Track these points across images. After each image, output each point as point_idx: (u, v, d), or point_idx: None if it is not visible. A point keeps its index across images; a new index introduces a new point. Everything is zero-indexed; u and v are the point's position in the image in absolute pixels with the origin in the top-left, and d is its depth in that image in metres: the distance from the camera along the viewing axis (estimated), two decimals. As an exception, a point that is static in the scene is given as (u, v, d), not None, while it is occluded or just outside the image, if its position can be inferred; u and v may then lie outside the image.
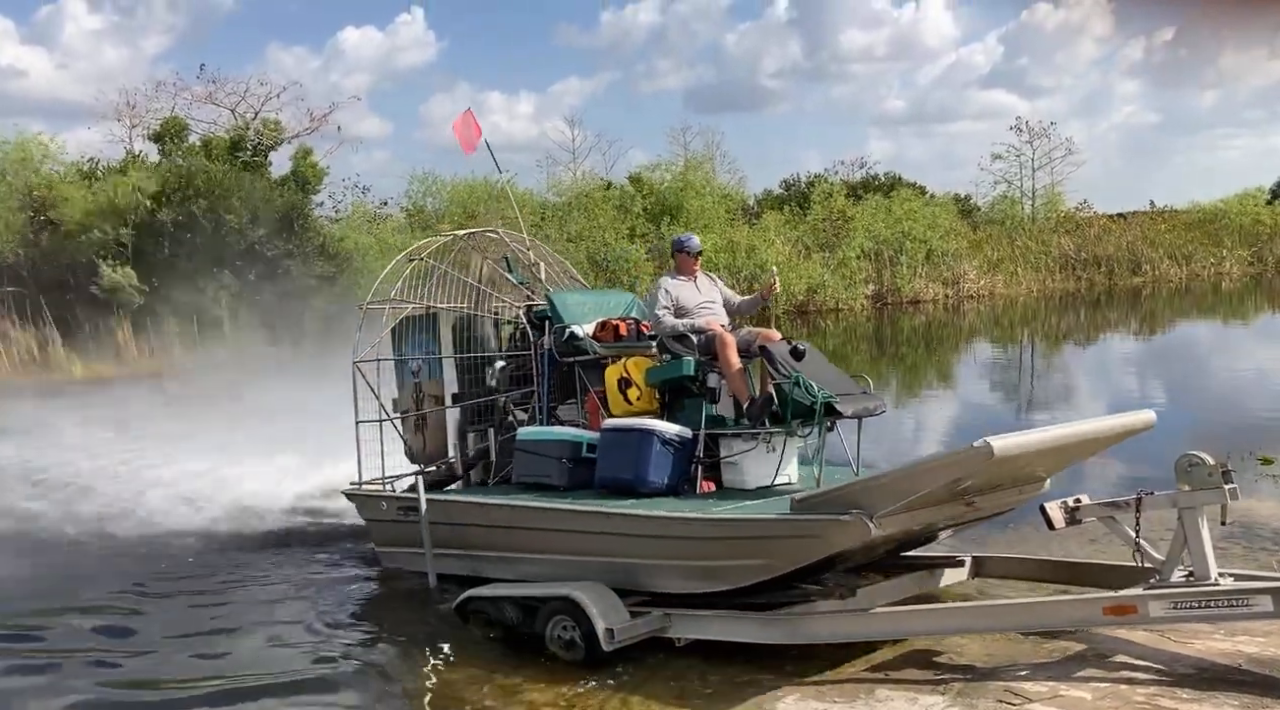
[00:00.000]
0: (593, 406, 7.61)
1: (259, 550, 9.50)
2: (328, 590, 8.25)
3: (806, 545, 5.67)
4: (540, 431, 7.47)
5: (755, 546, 5.82)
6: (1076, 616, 5.59)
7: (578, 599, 6.33)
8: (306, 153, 30.52)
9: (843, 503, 5.47)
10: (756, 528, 5.77)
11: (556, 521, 6.74)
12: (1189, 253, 44.76)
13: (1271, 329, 29.57)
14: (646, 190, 34.58)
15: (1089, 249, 43.45)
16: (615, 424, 6.93)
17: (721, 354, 6.90)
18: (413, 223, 32.09)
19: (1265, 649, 5.59)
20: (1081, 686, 5.31)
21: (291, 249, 26.91)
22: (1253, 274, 45.06)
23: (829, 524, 5.50)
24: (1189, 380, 19.46)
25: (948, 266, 38.48)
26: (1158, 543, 5.92)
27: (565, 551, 6.77)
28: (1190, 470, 5.50)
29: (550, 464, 7.21)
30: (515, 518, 7.03)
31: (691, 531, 6.01)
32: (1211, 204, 49.71)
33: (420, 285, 8.44)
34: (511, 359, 8.17)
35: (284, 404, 14.47)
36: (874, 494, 5.41)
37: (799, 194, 43.21)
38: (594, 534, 6.57)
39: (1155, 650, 5.70)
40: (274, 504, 10.74)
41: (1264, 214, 48.81)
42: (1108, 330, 31.25)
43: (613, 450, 6.85)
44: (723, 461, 6.83)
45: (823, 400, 6.32)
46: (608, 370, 7.40)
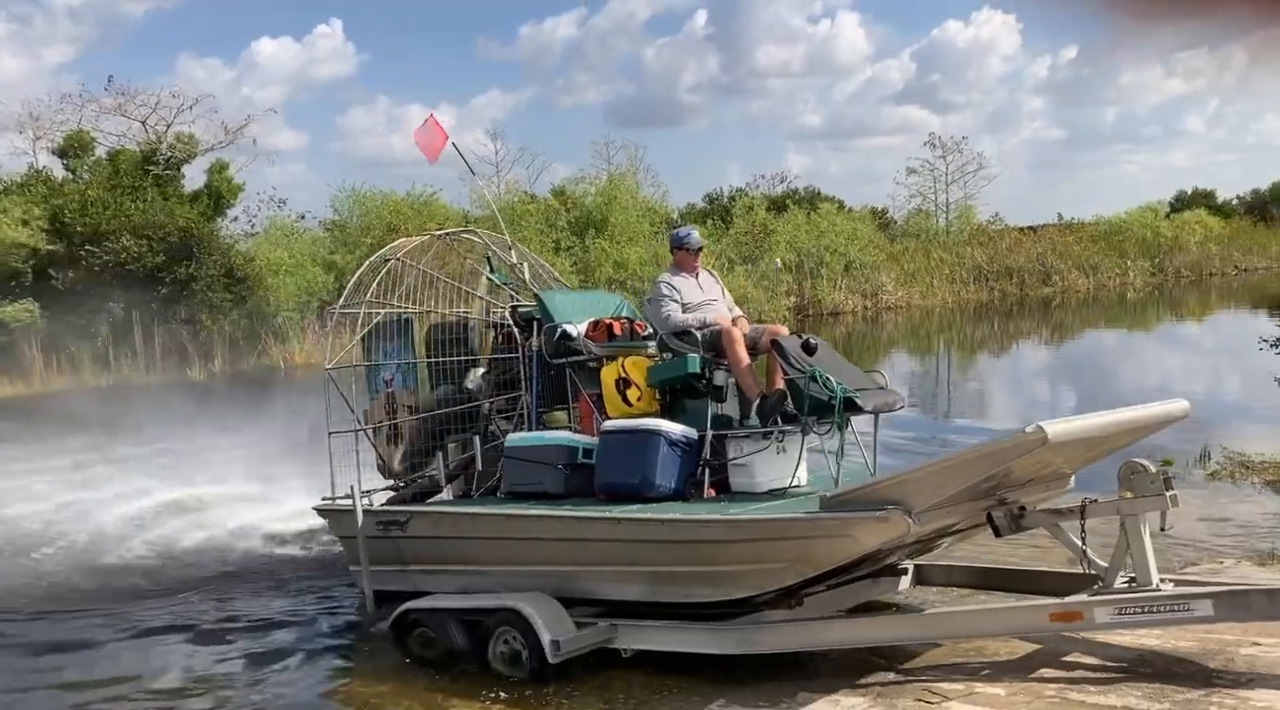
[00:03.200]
0: (586, 410, 7.28)
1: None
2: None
3: (839, 545, 5.42)
4: (532, 437, 7.12)
5: (783, 548, 5.55)
6: (1023, 624, 5.60)
7: (522, 610, 6.22)
8: (221, 166, 29.61)
9: (879, 498, 5.24)
10: (791, 528, 5.50)
11: (564, 530, 6.39)
12: (1095, 264, 46.13)
13: (1173, 337, 30.50)
14: (571, 204, 34.29)
15: (1001, 261, 44.37)
16: (618, 425, 6.62)
17: (729, 350, 6.64)
18: (333, 237, 31.25)
19: (1165, 641, 5.76)
20: (995, 683, 5.45)
21: (194, 273, 26.22)
22: (1155, 284, 46.71)
23: (865, 522, 5.26)
24: (1099, 387, 19.97)
25: (866, 278, 38.96)
26: (1100, 549, 5.93)
27: (561, 562, 6.43)
28: (1133, 478, 5.50)
29: (544, 471, 6.86)
30: (509, 528, 6.66)
31: (716, 534, 5.71)
32: (1115, 217, 51.30)
33: (395, 288, 8.04)
34: (496, 363, 7.81)
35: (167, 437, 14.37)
36: (913, 488, 5.18)
37: (721, 208, 43.39)
38: (596, 542, 6.25)
39: (1064, 646, 5.83)
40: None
41: (1163, 227, 50.55)
42: (1021, 340, 31.94)
43: (615, 453, 6.54)
44: (731, 464, 6.55)
45: (842, 395, 6.10)
46: (603, 371, 7.08)
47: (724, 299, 7.14)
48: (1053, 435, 4.82)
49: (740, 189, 47.29)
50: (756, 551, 5.61)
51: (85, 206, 25.65)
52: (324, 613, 8.26)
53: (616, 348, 7.13)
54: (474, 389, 7.98)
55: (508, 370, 7.69)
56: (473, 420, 7.87)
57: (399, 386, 8.18)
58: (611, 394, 6.96)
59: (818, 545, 5.46)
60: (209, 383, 24.84)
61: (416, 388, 8.15)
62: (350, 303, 8.09)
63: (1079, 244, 47.62)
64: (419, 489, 7.75)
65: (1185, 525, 6.10)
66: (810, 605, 6.13)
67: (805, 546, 5.49)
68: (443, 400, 7.92)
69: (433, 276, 7.99)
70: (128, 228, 25.36)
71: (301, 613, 8.27)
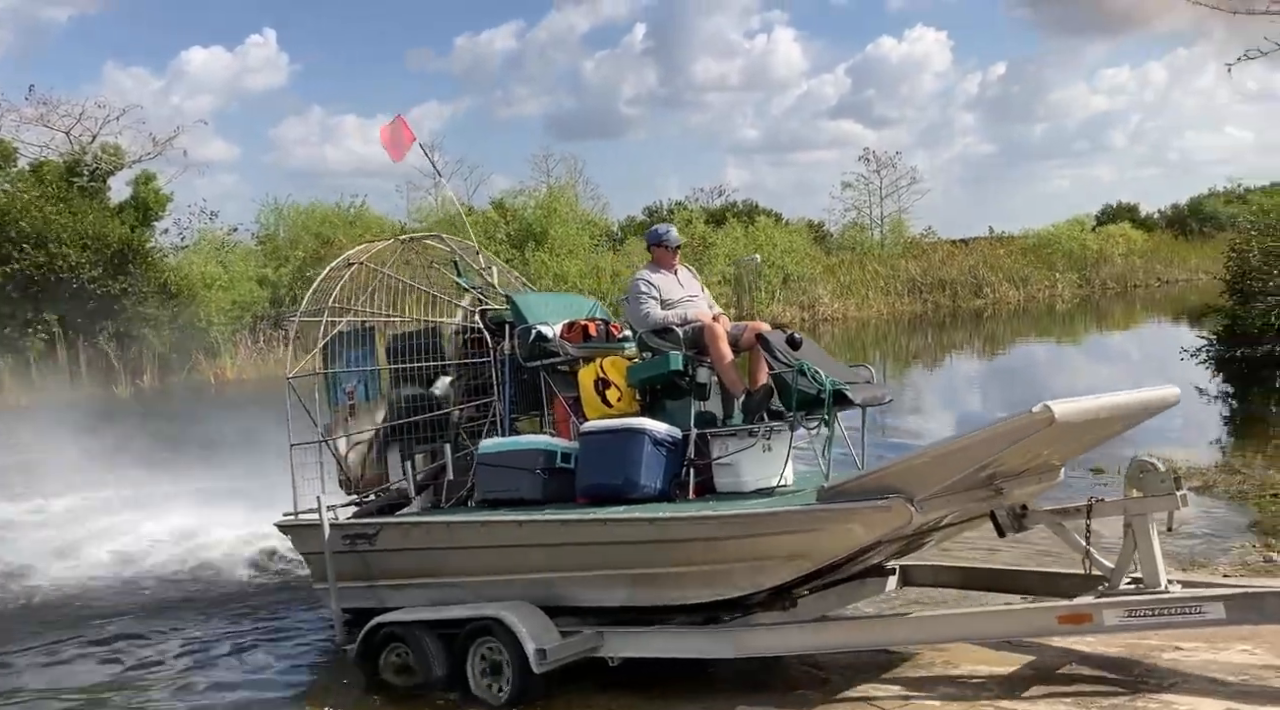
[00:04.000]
0: (562, 413, 7.04)
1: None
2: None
3: (840, 537, 5.26)
4: (507, 442, 6.86)
5: (780, 543, 5.37)
6: (1031, 626, 5.45)
7: (504, 618, 5.97)
8: (149, 178, 28.79)
9: (879, 487, 5.08)
10: (788, 521, 5.32)
11: (547, 535, 6.14)
12: (1025, 276, 46.87)
13: (1101, 347, 31.08)
14: (510, 216, 34.01)
15: (934, 273, 44.92)
16: (599, 426, 6.39)
17: (712, 346, 6.46)
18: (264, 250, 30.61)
19: (1094, 648, 5.81)
20: (931, 694, 5.49)
21: (126, 287, 25.46)
22: (1082, 295, 47.60)
23: (866, 512, 5.10)
24: (1032, 399, 20.16)
25: (803, 290, 39.21)
26: (1066, 553, 5.97)
27: (543, 569, 6.18)
28: (1142, 477, 5.40)
29: (521, 477, 6.60)
30: (488, 536, 6.40)
31: (710, 531, 5.50)
32: (1043, 230, 52.18)
33: (357, 294, 7.75)
34: (464, 370, 7.54)
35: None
36: (915, 475, 5.04)
37: (660, 220, 43.40)
38: (582, 546, 6.01)
39: (998, 655, 5.82)
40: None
41: (1090, 240, 51.59)
42: (955, 351, 32.29)
43: (597, 455, 6.31)
44: (716, 463, 6.36)
45: (832, 389, 5.94)
46: (581, 373, 6.85)
47: (703, 295, 6.97)
48: (1059, 415, 4.72)
49: (679, 202, 47.50)
50: (753, 547, 5.43)
51: (14, 215, 24.74)
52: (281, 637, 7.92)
53: (594, 348, 6.91)
54: (441, 396, 7.71)
55: (478, 376, 7.43)
56: (440, 429, 7.60)
57: (361, 398, 7.87)
58: (590, 395, 6.73)
59: (817, 538, 5.29)
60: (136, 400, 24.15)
61: (379, 398, 7.83)
62: (311, 310, 7.75)
63: (1009, 256, 48.40)
64: (385, 502, 7.44)
65: (1116, 532, 6.12)
66: (804, 607, 5.97)
67: (804, 540, 5.32)
68: (408, 408, 7.63)
69: (399, 281, 7.69)
70: (64, 237, 24.49)
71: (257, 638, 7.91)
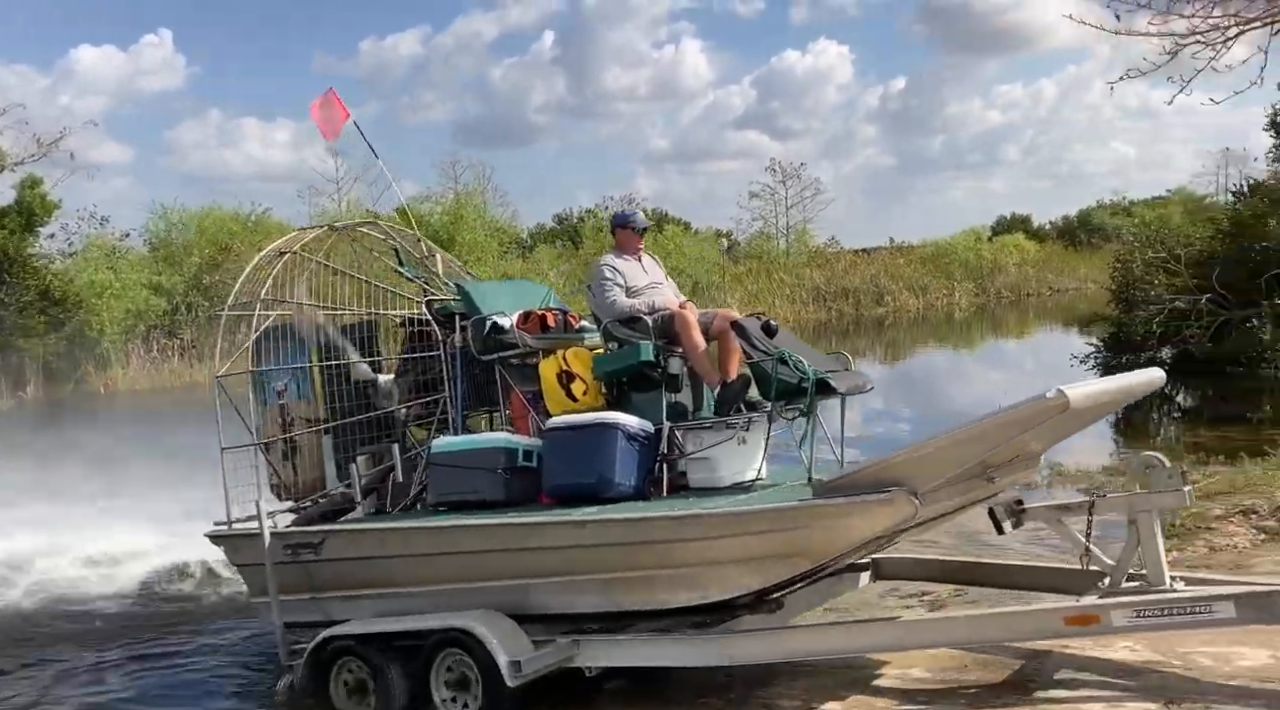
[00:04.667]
0: (519, 409, 6.65)
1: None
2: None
3: (839, 533, 4.97)
4: (464, 441, 6.43)
5: (775, 541, 5.06)
6: (1037, 628, 5.20)
7: (473, 628, 5.55)
8: (34, 183, 27.32)
9: (880, 480, 4.81)
10: (785, 517, 5.00)
11: (517, 539, 5.73)
12: (924, 285, 47.82)
13: (996, 354, 31.87)
14: (416, 223, 33.19)
15: (838, 282, 45.48)
16: (567, 421, 6.01)
17: (684, 335, 6.13)
18: (157, 256, 29.39)
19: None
20: (832, 698, 5.44)
21: (3, 297, 24.18)
22: (978, 304, 48.72)
23: (868, 506, 4.82)
24: (931, 403, 20.77)
25: (712, 299, 39.20)
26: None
27: (512, 575, 5.77)
28: (1149, 472, 5.24)
29: (481, 477, 6.18)
30: (450, 542, 5.95)
31: (701, 531, 5.16)
32: (941, 241, 53.24)
33: (290, 286, 7.24)
34: (410, 364, 7.09)
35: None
36: (918, 466, 4.77)
37: (571, 228, 43.02)
38: (556, 550, 5.61)
39: (897, 658, 5.74)
40: None
41: (985, 250, 52.81)
42: (858, 357, 32.61)
43: (566, 452, 5.93)
44: (691, 458, 6.04)
45: (815, 378, 5.67)
46: (542, 365, 6.46)
47: (668, 283, 6.64)
48: (1073, 400, 4.52)
49: (590, 210, 47.10)
50: (747, 546, 5.10)
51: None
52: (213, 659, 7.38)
53: (556, 339, 6.53)
54: (384, 394, 7.25)
55: (426, 371, 6.99)
56: (383, 428, 7.13)
57: (293, 397, 7.34)
58: (553, 389, 6.35)
59: (815, 535, 4.99)
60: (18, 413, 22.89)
61: (314, 397, 7.32)
62: (240, 303, 7.22)
63: (909, 266, 49.32)
64: (328, 508, 6.93)
65: (1012, 533, 6.08)
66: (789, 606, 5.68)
67: (801, 537, 5.02)
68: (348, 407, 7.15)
69: (337, 272, 7.21)
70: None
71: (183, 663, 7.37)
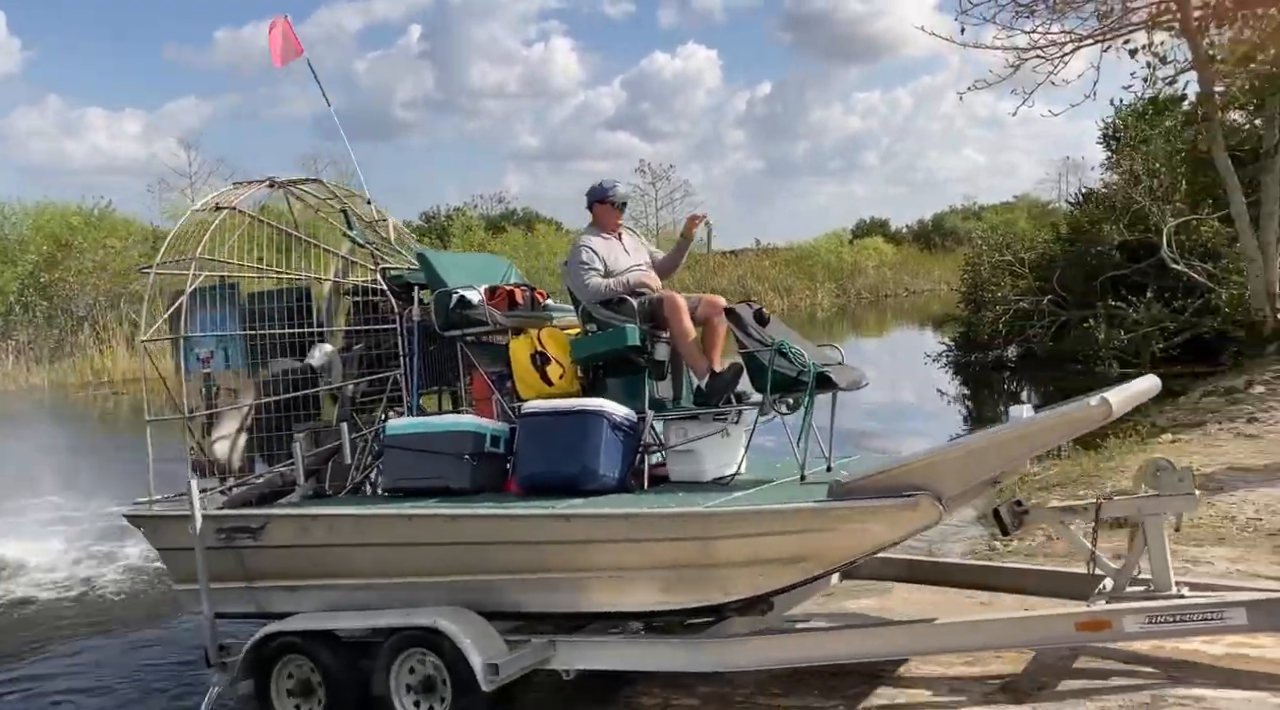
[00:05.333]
0: (482, 391, 6.22)
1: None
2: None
3: (856, 538, 4.72)
4: (426, 423, 5.97)
5: (787, 543, 4.78)
6: (1049, 634, 5.01)
7: (443, 626, 5.12)
8: None
9: (904, 483, 4.59)
10: (804, 519, 4.73)
11: (497, 532, 5.30)
12: (789, 286, 48.68)
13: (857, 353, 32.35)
14: (276, 218, 31.76)
15: (706, 283, 45.59)
16: (548, 407, 5.62)
17: (673, 319, 5.80)
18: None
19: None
20: (691, 694, 5.39)
21: None
22: (840, 304, 49.92)
23: (891, 511, 4.59)
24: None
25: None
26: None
27: (483, 571, 5.36)
28: (1158, 475, 5.17)
29: (445, 463, 5.73)
30: (417, 532, 5.47)
31: (717, 530, 4.83)
32: (804, 243, 54.34)
33: (223, 245, 6.64)
34: (356, 337, 6.58)
35: None
36: (944, 470, 4.57)
37: (439, 226, 41.85)
38: (542, 545, 5.21)
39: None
40: None
41: (846, 253, 54.16)
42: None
43: (545, 439, 5.53)
44: (675, 450, 5.73)
45: (815, 371, 5.43)
46: (513, 345, 6.04)
47: (651, 263, 6.31)
48: (1115, 405, 4.40)
49: (458, 208, 46.12)
50: (753, 548, 4.81)
51: None
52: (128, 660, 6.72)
53: (527, 318, 6.13)
54: (320, 368, 6.71)
55: (379, 345, 6.49)
56: (315, 407, 6.62)
57: (219, 367, 6.74)
58: (527, 371, 5.95)
59: (830, 539, 4.73)
60: None
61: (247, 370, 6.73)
62: (168, 261, 6.58)
63: (774, 267, 50.23)
64: (264, 489, 6.37)
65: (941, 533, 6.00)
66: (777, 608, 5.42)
67: (814, 541, 4.75)
68: (282, 381, 6.59)
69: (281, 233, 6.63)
70: None
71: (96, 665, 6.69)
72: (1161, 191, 18.54)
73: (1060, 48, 14.43)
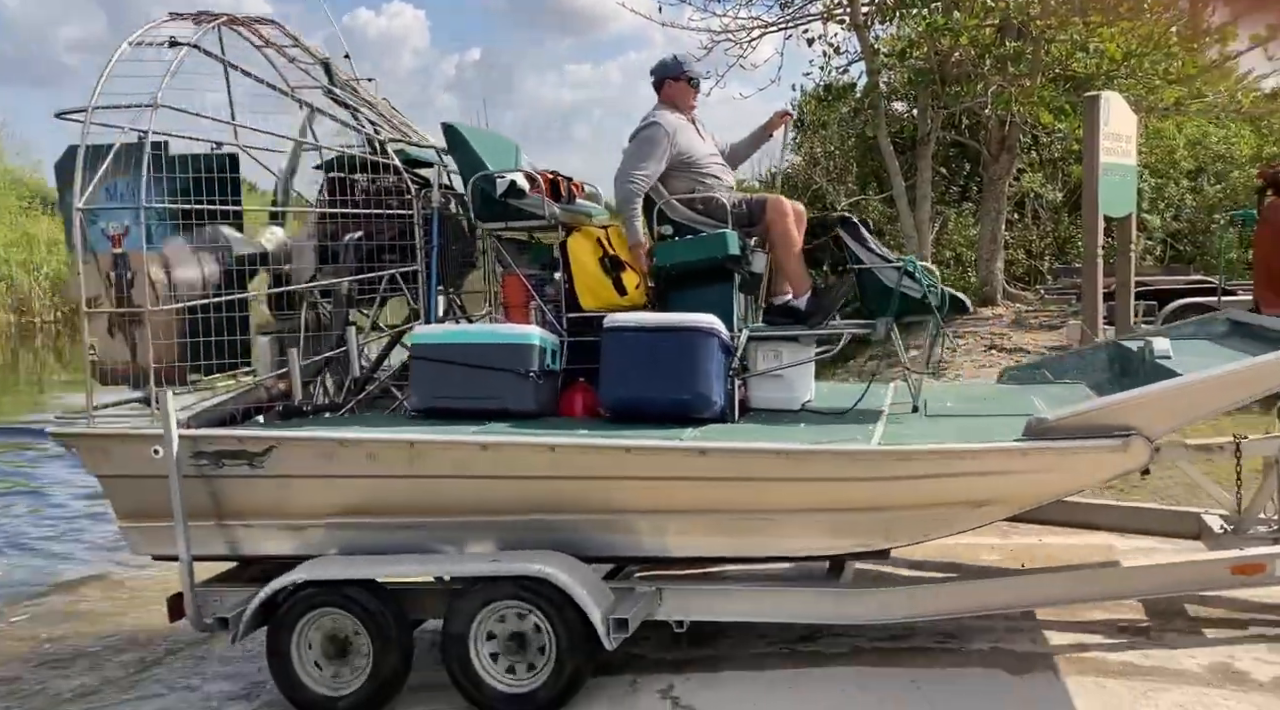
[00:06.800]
0: (517, 295, 5.25)
1: None
2: None
3: (1055, 481, 4.32)
4: (471, 332, 4.96)
5: (975, 486, 4.29)
6: (1202, 578, 4.89)
7: (554, 577, 4.27)
8: None
9: (1109, 424, 4.23)
10: (993, 460, 4.25)
11: (636, 466, 4.38)
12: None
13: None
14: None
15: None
16: (647, 321, 4.75)
17: (780, 227, 5.11)
18: None
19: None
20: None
21: None
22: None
23: (1099, 453, 4.21)
24: None
25: None
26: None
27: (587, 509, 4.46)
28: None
29: (503, 381, 4.76)
30: (502, 463, 4.46)
31: (914, 469, 4.22)
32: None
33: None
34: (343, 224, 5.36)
35: None
36: (1158, 410, 4.24)
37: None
38: (683, 481, 4.35)
39: None
40: None
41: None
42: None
43: (646, 358, 4.67)
44: (769, 375, 5.06)
45: (947, 295, 4.94)
46: (574, 245, 5.11)
47: (722, 154, 5.52)
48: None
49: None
50: (940, 490, 4.28)
51: None
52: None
53: (577, 212, 5.23)
54: (273, 256, 5.46)
55: (375, 235, 5.32)
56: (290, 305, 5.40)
57: (135, 245, 5.27)
58: (594, 278, 5.06)
59: (1025, 481, 4.29)
60: None
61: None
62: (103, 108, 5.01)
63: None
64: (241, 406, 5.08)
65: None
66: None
67: (1008, 483, 4.29)
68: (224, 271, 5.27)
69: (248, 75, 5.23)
70: None
71: None
72: (836, 173, 19.59)
73: (749, 32, 15.28)
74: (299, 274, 5.40)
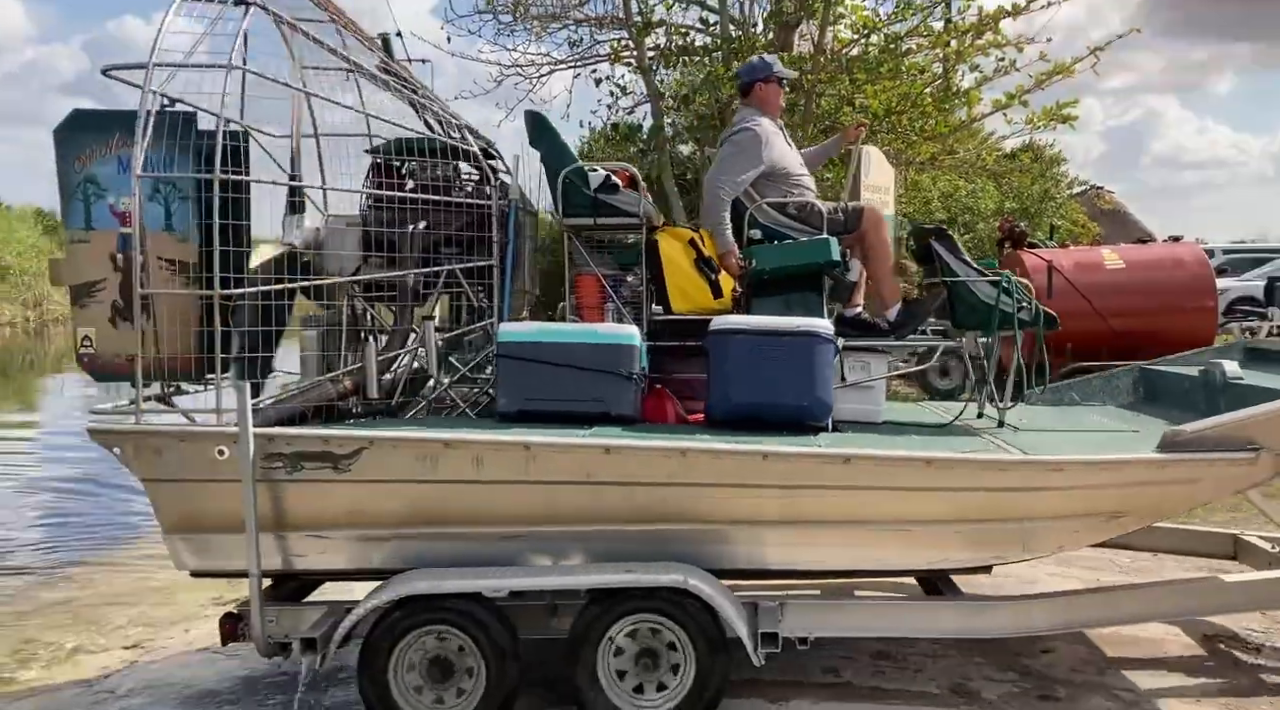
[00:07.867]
0: (592, 296, 4.94)
1: None
2: None
3: (1183, 493, 4.31)
4: (570, 331, 4.57)
5: (1108, 497, 4.23)
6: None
7: (698, 589, 3.97)
8: None
9: (1236, 437, 4.29)
10: (1134, 472, 4.21)
11: (770, 474, 4.11)
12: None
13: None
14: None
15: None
16: (762, 325, 4.51)
17: (874, 235, 4.98)
18: None
19: None
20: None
21: None
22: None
23: (1226, 465, 4.25)
24: None
25: (28, 287, 33.27)
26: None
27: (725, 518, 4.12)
28: None
29: (607, 384, 4.38)
30: (657, 469, 4.09)
31: (1043, 481, 4.09)
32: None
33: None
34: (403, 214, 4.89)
35: None
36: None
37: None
38: (824, 489, 4.09)
39: None
40: None
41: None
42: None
43: (758, 364, 4.44)
44: (859, 387, 4.90)
45: (1042, 312, 4.93)
46: (666, 244, 4.83)
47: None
48: None
49: None
50: (1079, 501, 4.21)
51: None
52: None
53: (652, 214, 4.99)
54: (304, 245, 4.95)
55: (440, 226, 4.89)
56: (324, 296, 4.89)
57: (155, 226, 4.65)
58: (690, 280, 4.80)
59: (1159, 493, 4.27)
60: None
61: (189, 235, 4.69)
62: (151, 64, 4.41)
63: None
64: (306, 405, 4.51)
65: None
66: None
67: (1143, 494, 4.25)
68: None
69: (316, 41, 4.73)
70: None
71: None
72: (625, 212, 20.14)
73: (538, 68, 15.78)
74: (338, 262, 4.89)
